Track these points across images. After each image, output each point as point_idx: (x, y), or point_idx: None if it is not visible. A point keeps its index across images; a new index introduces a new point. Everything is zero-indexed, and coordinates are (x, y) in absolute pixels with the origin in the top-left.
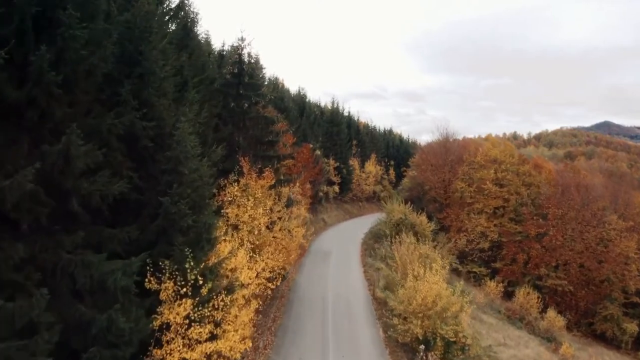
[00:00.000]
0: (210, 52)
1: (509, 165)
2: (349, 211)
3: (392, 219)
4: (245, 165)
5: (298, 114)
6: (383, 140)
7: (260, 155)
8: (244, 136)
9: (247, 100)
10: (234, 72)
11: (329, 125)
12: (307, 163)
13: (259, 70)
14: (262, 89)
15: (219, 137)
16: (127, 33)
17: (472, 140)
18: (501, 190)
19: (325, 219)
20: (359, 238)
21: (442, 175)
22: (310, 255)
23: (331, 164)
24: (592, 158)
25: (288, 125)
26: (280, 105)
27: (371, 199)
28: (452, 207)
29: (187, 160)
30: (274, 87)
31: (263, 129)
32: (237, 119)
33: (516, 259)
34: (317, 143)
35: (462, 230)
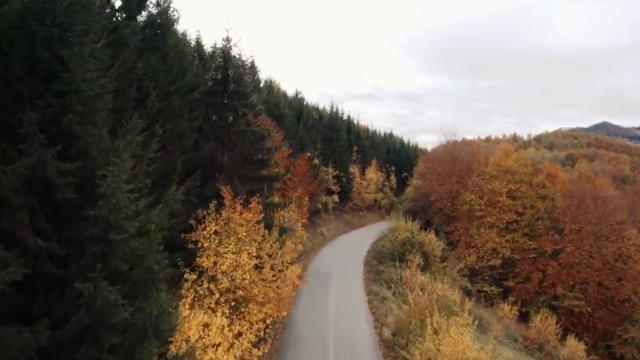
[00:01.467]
0: (195, 55)
1: (523, 175)
2: (349, 222)
3: (397, 237)
4: (227, 196)
5: (295, 119)
6: (384, 144)
7: (249, 176)
8: (229, 154)
9: (232, 111)
10: (218, 78)
11: (328, 131)
12: (304, 176)
13: (251, 74)
14: (251, 98)
15: (197, 156)
16: (45, 32)
17: (478, 144)
18: (514, 203)
19: (324, 233)
20: (360, 255)
21: (450, 186)
22: (307, 280)
23: (330, 172)
24: (594, 160)
25: (283, 134)
26: (275, 111)
27: (372, 207)
28: (460, 221)
29: (121, 224)
30: (269, 91)
31: (252, 144)
32: (220, 133)
33: (530, 277)
34: (316, 151)
35: (471, 245)
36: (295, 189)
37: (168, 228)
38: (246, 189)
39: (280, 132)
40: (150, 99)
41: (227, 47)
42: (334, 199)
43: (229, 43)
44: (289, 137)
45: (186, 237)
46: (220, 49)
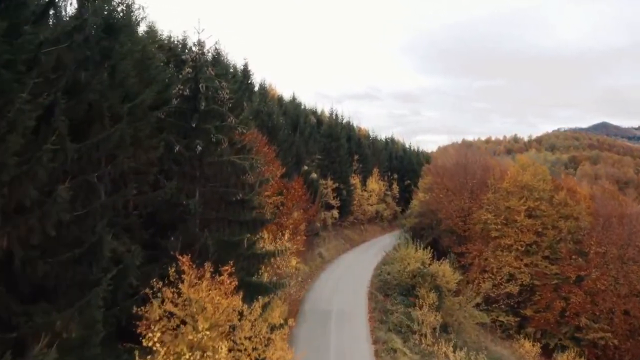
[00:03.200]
0: (167, 62)
1: (542, 192)
2: (350, 238)
3: (406, 268)
4: (185, 266)
5: (291, 128)
6: (385, 151)
7: (227, 220)
8: (201, 191)
9: (204, 137)
10: (186, 95)
11: (327, 140)
12: (300, 200)
13: (231, 89)
14: (229, 119)
15: (156, 197)
16: None
17: (488, 153)
18: (533, 222)
19: (323, 253)
20: (363, 283)
21: (461, 203)
22: (304, 320)
23: (329, 185)
24: (598, 163)
25: (276, 150)
26: (268, 122)
27: (373, 219)
28: (473, 242)
29: None
30: (261, 99)
31: (230, 178)
32: (188, 167)
33: (551, 305)
34: (313, 162)
35: (486, 270)
36: (290, 214)
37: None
38: (218, 247)
39: (272, 147)
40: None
41: (198, 53)
42: (334, 215)
43: (201, 48)
44: (283, 151)
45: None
46: (190, 55)
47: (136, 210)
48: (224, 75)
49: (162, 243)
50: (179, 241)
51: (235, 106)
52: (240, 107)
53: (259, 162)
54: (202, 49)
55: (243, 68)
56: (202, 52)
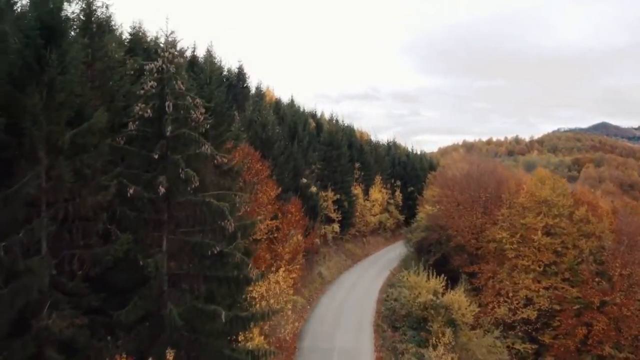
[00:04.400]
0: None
1: (562, 208)
2: (352, 253)
3: (416, 299)
4: None
5: (288, 138)
6: (388, 156)
7: (203, 275)
8: (169, 239)
9: (171, 170)
10: (148, 117)
11: (327, 148)
12: (297, 224)
13: (204, 109)
14: (203, 147)
15: (105, 254)
16: None
17: (500, 164)
18: (552, 241)
19: (323, 273)
20: (369, 311)
21: (473, 218)
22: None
23: (330, 197)
24: (601, 166)
25: (271, 167)
26: (262, 134)
27: (376, 230)
28: (486, 261)
29: None
30: (254, 108)
31: (205, 222)
32: (149, 211)
33: (572, 332)
34: (313, 173)
35: (500, 293)
36: (286, 240)
37: None
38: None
39: (266, 161)
40: None
41: (165, 62)
42: (334, 229)
43: (169, 55)
44: (279, 164)
45: None
46: (154, 65)
47: (83, 269)
48: (213, 80)
49: (115, 315)
50: (137, 309)
51: (219, 123)
52: (226, 120)
53: (245, 199)
54: (171, 56)
55: (237, 71)
56: (170, 61)
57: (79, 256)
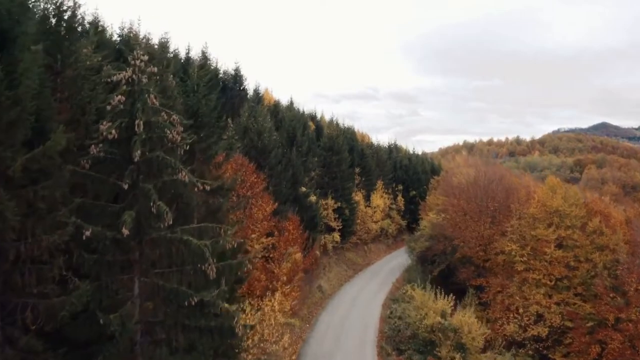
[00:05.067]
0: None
1: (574, 219)
2: (353, 262)
3: (423, 320)
4: None
5: (287, 144)
6: (389, 160)
7: (181, 324)
8: (141, 283)
9: (142, 202)
10: (114, 139)
11: (328, 154)
12: (294, 242)
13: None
14: (180, 174)
15: (61, 307)
16: None
17: (508, 170)
18: (565, 254)
19: (323, 286)
20: (372, 330)
21: (480, 229)
22: None
23: (330, 205)
24: (603, 167)
25: (266, 179)
26: (258, 142)
27: (377, 237)
28: (495, 274)
29: None
30: (250, 113)
31: (184, 262)
32: (114, 253)
33: (585, 350)
34: (312, 180)
35: (510, 309)
36: (283, 260)
37: None
38: None
39: (262, 172)
40: None
41: (135, 73)
42: (335, 238)
43: (140, 62)
44: (276, 174)
45: None
46: (123, 75)
47: (38, 323)
48: (201, 87)
49: None
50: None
51: (208, 134)
52: (216, 132)
53: (229, 232)
54: (142, 64)
55: (234, 73)
56: (141, 70)
57: (33, 307)
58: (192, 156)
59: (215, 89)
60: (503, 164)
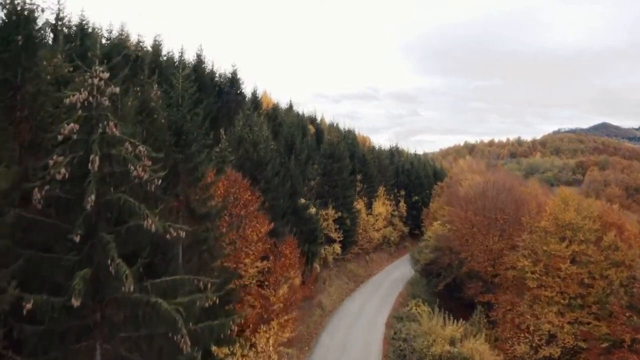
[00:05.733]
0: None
1: (587, 233)
2: (354, 274)
3: (431, 348)
4: None
5: (285, 152)
6: (391, 165)
7: None
8: (104, 350)
9: (99, 256)
10: (64, 179)
11: (328, 161)
12: (292, 267)
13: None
14: (147, 222)
15: None
16: None
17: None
18: (579, 271)
19: (323, 302)
20: (375, 354)
21: (489, 242)
22: None
23: (330, 215)
24: (606, 169)
25: (261, 196)
26: (253, 154)
27: (379, 246)
28: (504, 291)
29: None
30: (246, 122)
31: (151, 326)
32: (67, 317)
33: None
34: (312, 190)
35: (520, 327)
36: (279, 286)
37: None
38: None
39: (257, 187)
40: None
41: (92, 94)
42: (335, 249)
43: (99, 81)
44: (273, 187)
45: None
46: (81, 96)
47: None
48: (186, 100)
49: None
50: None
51: (193, 154)
52: (203, 150)
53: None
54: (102, 83)
55: (231, 77)
56: (100, 91)
57: None
58: (176, 178)
59: (201, 103)
60: (504, 165)
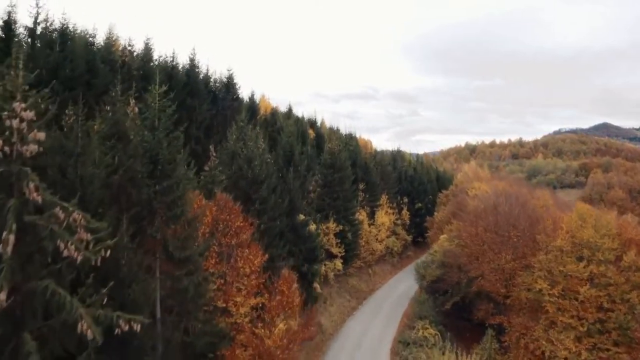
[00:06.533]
0: None
1: (606, 252)
2: (356, 290)
3: None
4: None
5: (284, 165)
6: (394, 171)
7: None
8: None
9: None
10: None
11: (329, 171)
12: (289, 305)
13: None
14: (80, 323)
15: None
16: None
17: (528, 190)
18: (598, 294)
19: (324, 324)
20: None
21: (501, 262)
22: None
23: (331, 229)
24: (609, 171)
25: (253, 223)
26: (247, 173)
27: (382, 257)
28: (516, 313)
29: None
30: (239, 135)
31: None
32: None
33: None
34: (311, 204)
35: (535, 353)
36: (274, 325)
37: None
38: None
39: (249, 219)
40: None
41: (8, 142)
42: (337, 265)
43: (19, 122)
44: (269, 205)
45: None
46: None
47: None
48: (163, 123)
49: None
50: None
51: (171, 186)
52: (182, 179)
53: None
54: (24, 126)
55: (226, 81)
56: (22, 137)
57: None
58: (151, 215)
59: (182, 124)
60: (506, 167)
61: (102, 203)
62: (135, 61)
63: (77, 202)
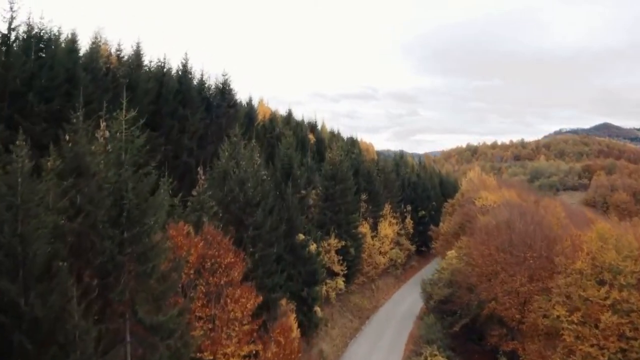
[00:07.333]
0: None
1: (629, 275)
2: (359, 308)
3: None
4: None
5: (282, 178)
6: (397, 177)
7: None
8: None
9: None
10: None
11: (330, 183)
12: (287, 357)
13: None
14: None
15: None
16: None
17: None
18: (620, 321)
19: (325, 351)
20: None
21: (516, 284)
22: None
23: (332, 245)
24: (613, 173)
25: (246, 260)
26: (240, 195)
27: (385, 270)
28: (531, 339)
29: None
30: (232, 152)
31: None
32: None
33: None
34: (312, 220)
35: None
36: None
37: None
38: None
39: (240, 255)
40: None
41: None
42: (338, 284)
43: None
44: (264, 234)
45: None
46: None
47: None
48: (131, 149)
49: None
50: None
51: (140, 234)
52: (157, 223)
53: None
54: None
55: (222, 87)
56: None
57: None
58: (116, 272)
59: (154, 158)
60: (508, 169)
61: (55, 257)
62: (121, 68)
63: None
